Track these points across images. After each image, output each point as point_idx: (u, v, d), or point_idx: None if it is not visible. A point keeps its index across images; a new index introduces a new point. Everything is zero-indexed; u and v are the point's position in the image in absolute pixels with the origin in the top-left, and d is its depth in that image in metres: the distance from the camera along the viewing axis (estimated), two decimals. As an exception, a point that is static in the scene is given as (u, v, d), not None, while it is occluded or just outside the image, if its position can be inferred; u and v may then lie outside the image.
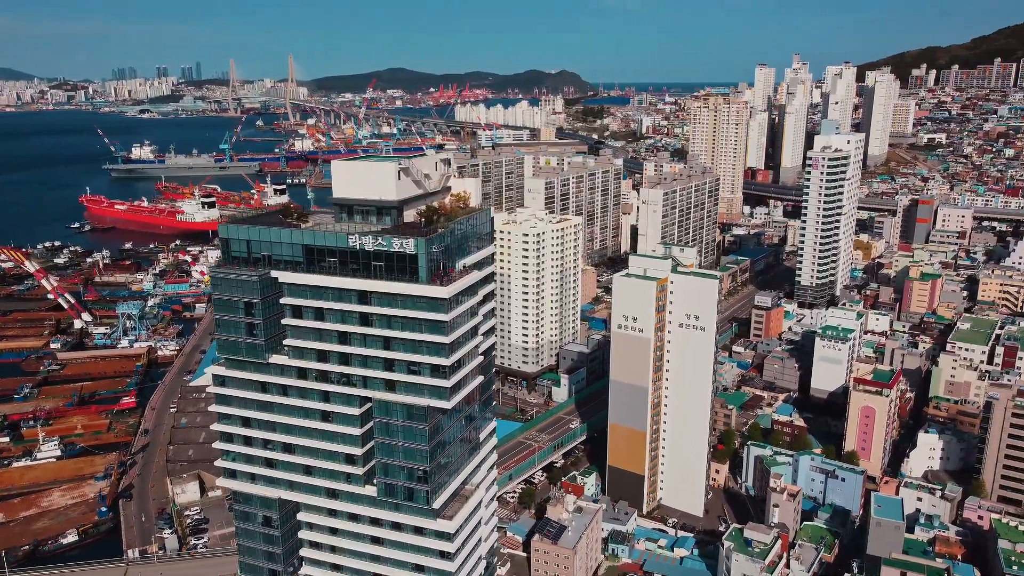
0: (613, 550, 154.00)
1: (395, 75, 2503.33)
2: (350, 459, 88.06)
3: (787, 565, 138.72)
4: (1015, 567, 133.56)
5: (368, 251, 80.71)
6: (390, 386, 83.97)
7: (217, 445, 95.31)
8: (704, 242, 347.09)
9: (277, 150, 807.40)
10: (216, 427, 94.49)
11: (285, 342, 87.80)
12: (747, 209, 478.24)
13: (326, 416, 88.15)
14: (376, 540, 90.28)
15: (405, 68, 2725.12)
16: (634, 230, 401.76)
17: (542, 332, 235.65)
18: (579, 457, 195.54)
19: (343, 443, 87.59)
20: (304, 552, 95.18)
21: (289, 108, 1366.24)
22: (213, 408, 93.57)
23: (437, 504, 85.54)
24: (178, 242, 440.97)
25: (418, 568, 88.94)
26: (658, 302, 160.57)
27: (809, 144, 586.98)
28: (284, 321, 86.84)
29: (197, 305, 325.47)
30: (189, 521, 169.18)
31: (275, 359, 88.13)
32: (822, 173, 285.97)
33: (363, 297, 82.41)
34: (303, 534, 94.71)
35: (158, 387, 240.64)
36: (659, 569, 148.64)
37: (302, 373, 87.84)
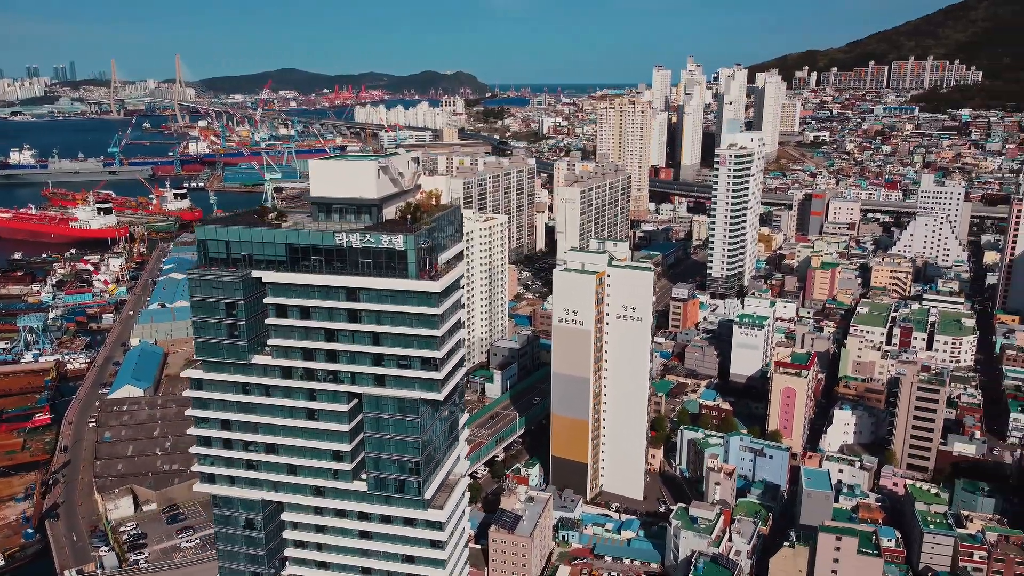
0: (563, 536, 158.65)
1: (287, 76, 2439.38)
2: (337, 456, 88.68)
3: (730, 539, 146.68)
4: (932, 525, 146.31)
5: (356, 248, 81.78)
6: (379, 381, 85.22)
7: (194, 450, 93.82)
8: (618, 238, 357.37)
9: (171, 153, 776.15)
10: (193, 431, 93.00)
11: (269, 342, 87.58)
12: (652, 206, 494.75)
13: (312, 414, 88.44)
14: (364, 534, 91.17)
15: (297, 69, 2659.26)
16: (548, 228, 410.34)
17: (473, 330, 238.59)
18: (519, 450, 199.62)
19: (330, 440, 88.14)
20: (289, 552, 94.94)
21: (178, 110, 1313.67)
22: (190, 412, 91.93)
23: (428, 494, 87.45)
24: (74, 251, 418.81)
25: (408, 559, 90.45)
26: (597, 295, 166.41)
27: (707, 143, 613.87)
28: (268, 321, 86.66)
29: (104, 316, 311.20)
30: (126, 537, 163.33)
31: (258, 359, 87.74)
32: (729, 170, 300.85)
33: (351, 294, 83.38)
34: (287, 534, 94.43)
35: (72, 402, 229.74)
36: (609, 551, 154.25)
37: (286, 372, 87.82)
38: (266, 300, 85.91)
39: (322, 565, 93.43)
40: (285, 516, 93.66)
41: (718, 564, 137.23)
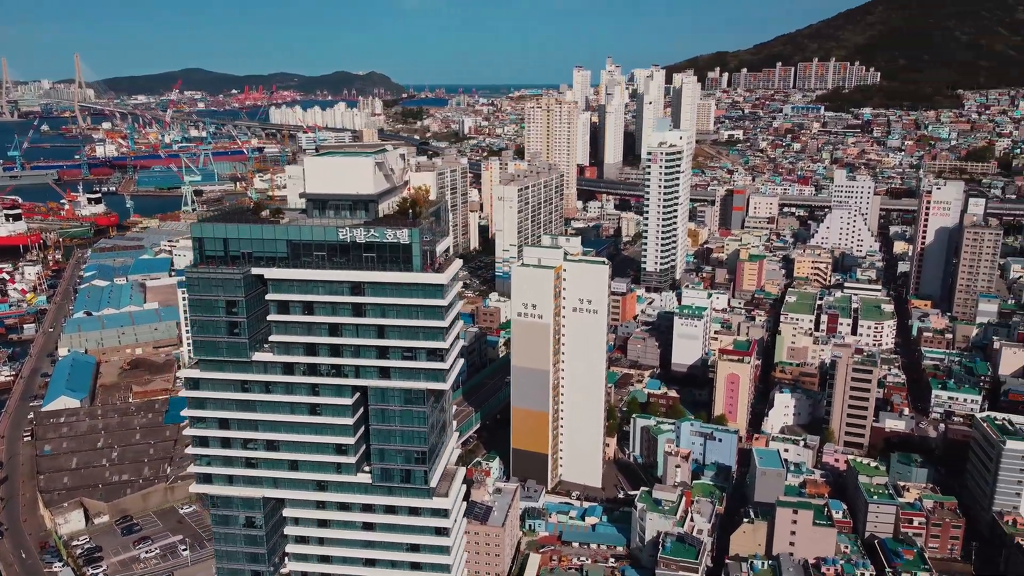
0: (530, 525, 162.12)
1: (193, 76, 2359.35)
2: (341, 449, 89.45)
3: (691, 519, 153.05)
4: (875, 496, 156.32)
5: (359, 243, 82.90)
6: (384, 373, 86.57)
7: (190, 450, 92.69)
8: (554, 235, 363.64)
9: (77, 156, 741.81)
10: (190, 431, 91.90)
11: (271, 338, 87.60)
12: (580, 204, 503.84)
13: (314, 409, 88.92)
14: (368, 526, 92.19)
15: (203, 69, 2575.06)
16: (481, 228, 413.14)
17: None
18: (475, 445, 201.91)
19: (333, 434, 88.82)
20: (290, 548, 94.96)
21: (78, 111, 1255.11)
22: (186, 412, 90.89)
23: (433, 483, 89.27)
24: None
25: (413, 548, 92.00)
26: (555, 289, 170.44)
27: (628, 142, 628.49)
28: (270, 317, 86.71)
29: (25, 326, 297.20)
30: (80, 552, 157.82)
31: (258, 356, 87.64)
32: (661, 167, 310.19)
33: (356, 288, 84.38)
34: (289, 530, 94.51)
35: (2, 415, 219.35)
36: (576, 537, 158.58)
37: (288, 368, 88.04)
38: (268, 296, 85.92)
39: (324, 559, 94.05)
40: (286, 512, 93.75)
41: (683, 542, 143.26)
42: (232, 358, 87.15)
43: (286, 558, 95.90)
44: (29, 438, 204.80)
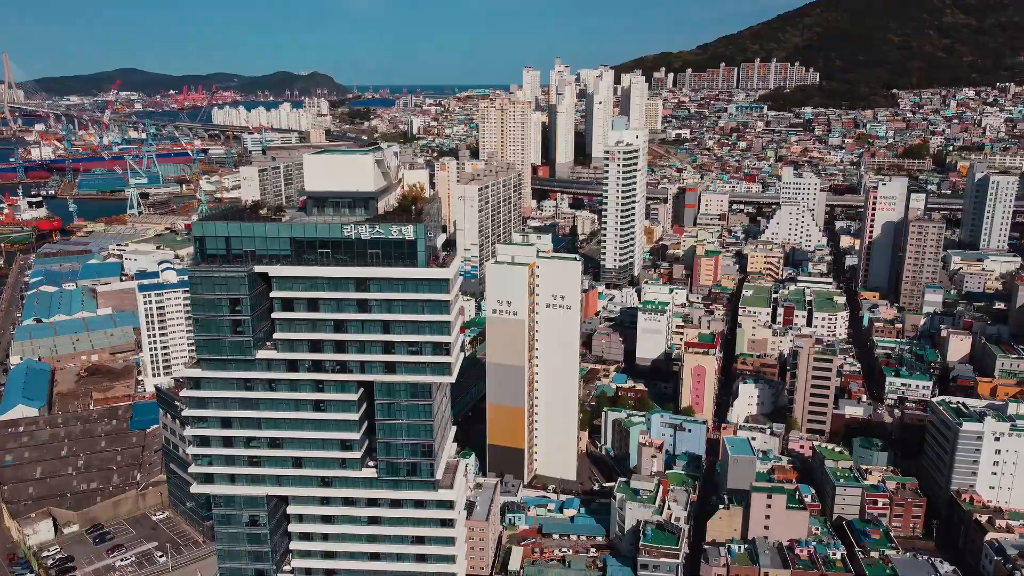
0: (511, 519, 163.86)
1: (127, 76, 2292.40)
2: (346, 444, 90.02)
3: (668, 508, 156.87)
4: (842, 479, 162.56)
5: (364, 240, 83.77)
6: (390, 368, 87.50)
7: (191, 450, 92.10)
8: (512, 234, 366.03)
9: (12, 159, 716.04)
10: (191, 431, 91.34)
11: (275, 336, 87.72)
12: (534, 203, 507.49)
13: (318, 406, 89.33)
14: (373, 520, 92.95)
15: (138, 69, 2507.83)
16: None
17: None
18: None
19: (338, 430, 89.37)
20: (294, 545, 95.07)
21: (8, 113, 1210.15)
22: (187, 412, 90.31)
23: (439, 475, 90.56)
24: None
25: (419, 540, 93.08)
26: (530, 286, 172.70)
27: (578, 142, 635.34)
28: (275, 315, 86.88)
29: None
30: (51, 562, 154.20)
31: (262, 354, 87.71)
32: (619, 165, 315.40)
33: (361, 284, 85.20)
34: (293, 527, 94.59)
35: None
36: (556, 529, 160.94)
37: (292, 365, 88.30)
38: (273, 294, 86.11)
39: (329, 555, 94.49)
40: (290, 509, 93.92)
41: (663, 530, 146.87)
42: (235, 356, 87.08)
43: (289, 555, 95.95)
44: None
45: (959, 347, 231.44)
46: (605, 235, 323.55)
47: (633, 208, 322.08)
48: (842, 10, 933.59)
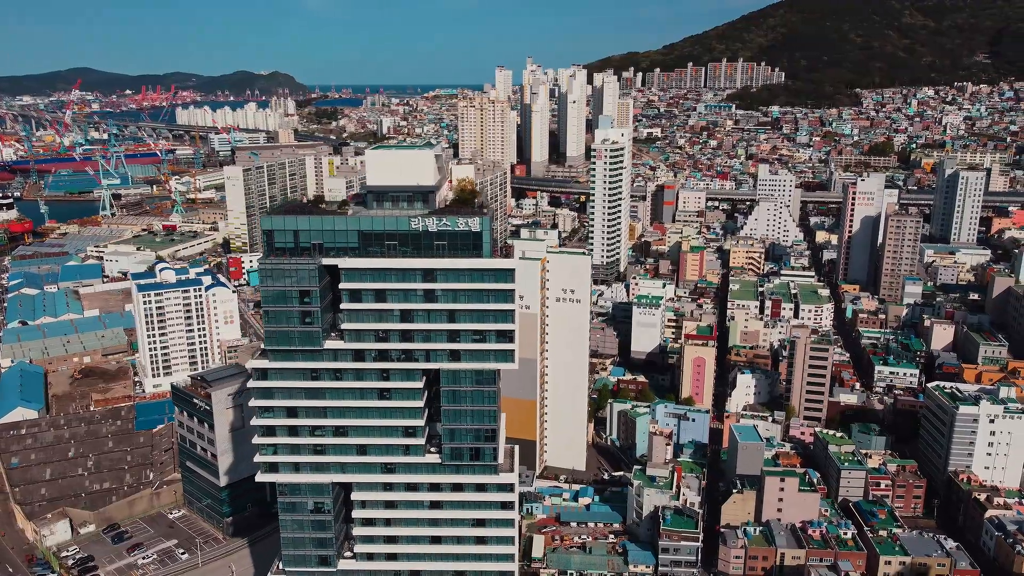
0: (528, 509, 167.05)
1: (81, 76, 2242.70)
2: (410, 431, 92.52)
3: (683, 493, 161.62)
4: (846, 463, 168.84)
5: (431, 232, 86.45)
6: (454, 356, 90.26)
7: (257, 440, 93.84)
8: (500, 231, 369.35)
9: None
10: (256, 421, 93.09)
11: (343, 326, 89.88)
12: (513, 201, 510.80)
13: (383, 394, 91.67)
14: (435, 505, 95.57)
15: (92, 68, 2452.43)
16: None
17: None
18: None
19: (403, 417, 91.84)
20: (357, 531, 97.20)
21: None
22: (254, 402, 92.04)
23: (500, 459, 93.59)
24: None
25: (479, 523, 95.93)
26: (541, 280, 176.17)
27: (553, 141, 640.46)
28: (343, 306, 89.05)
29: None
30: (71, 562, 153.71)
31: (329, 344, 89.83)
32: (605, 163, 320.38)
33: (428, 275, 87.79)
34: (356, 513, 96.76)
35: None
36: (573, 517, 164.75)
37: (358, 355, 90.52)
38: (341, 286, 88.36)
39: (391, 540, 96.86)
40: (354, 496, 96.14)
41: (682, 515, 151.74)
42: (304, 347, 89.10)
43: (350, 541, 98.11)
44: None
45: (942, 336, 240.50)
46: (592, 232, 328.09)
47: (619, 205, 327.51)
48: (804, 12, 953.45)
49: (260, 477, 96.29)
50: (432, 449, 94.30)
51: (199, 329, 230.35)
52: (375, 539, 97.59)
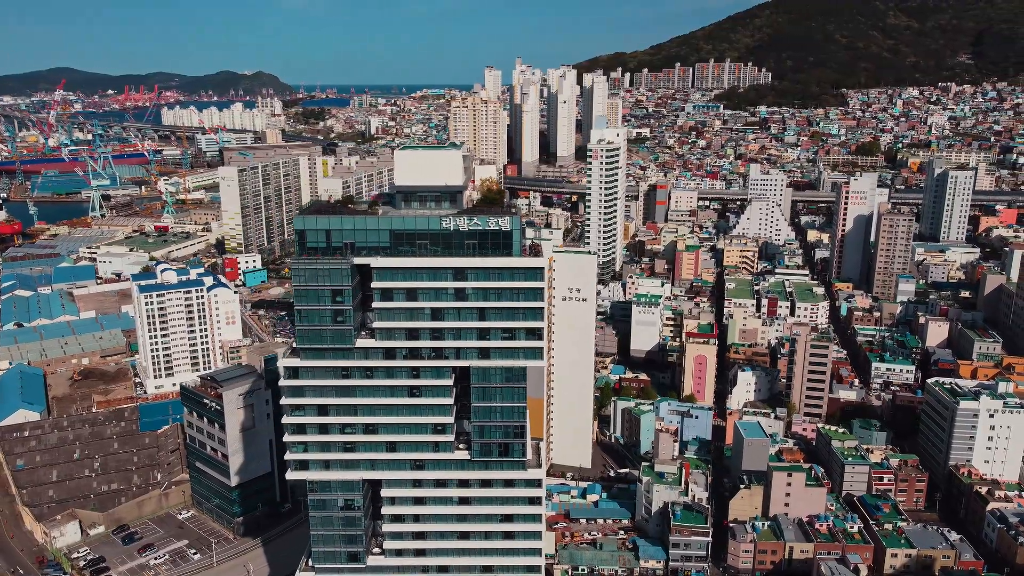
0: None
1: (62, 76, 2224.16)
2: (439, 428, 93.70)
3: (691, 489, 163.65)
4: (850, 458, 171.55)
5: (462, 231, 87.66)
6: (484, 354, 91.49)
7: (288, 438, 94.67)
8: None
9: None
10: (287, 420, 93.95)
11: (375, 324, 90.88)
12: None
13: (414, 391, 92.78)
14: (464, 501, 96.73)
15: (74, 68, 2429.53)
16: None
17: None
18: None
19: (432, 414, 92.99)
20: (386, 527, 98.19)
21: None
22: (285, 401, 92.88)
23: (529, 455, 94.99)
24: None
25: (507, 518, 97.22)
26: (548, 279, 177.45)
27: (542, 141, 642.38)
28: (375, 304, 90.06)
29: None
30: (83, 564, 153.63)
31: (361, 343, 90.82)
32: (601, 163, 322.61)
33: (459, 274, 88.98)
34: (385, 510, 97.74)
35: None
36: (582, 514, 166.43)
37: (389, 353, 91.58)
38: (373, 284, 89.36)
39: (419, 535, 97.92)
40: (384, 492, 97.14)
41: (691, 510, 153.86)
42: (336, 345, 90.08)
43: (378, 537, 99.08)
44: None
45: (937, 333, 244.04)
46: (588, 231, 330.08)
47: (615, 204, 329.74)
48: (790, 12, 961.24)
49: (291, 475, 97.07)
50: (460, 446, 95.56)
51: (201, 330, 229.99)
52: (404, 535, 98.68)
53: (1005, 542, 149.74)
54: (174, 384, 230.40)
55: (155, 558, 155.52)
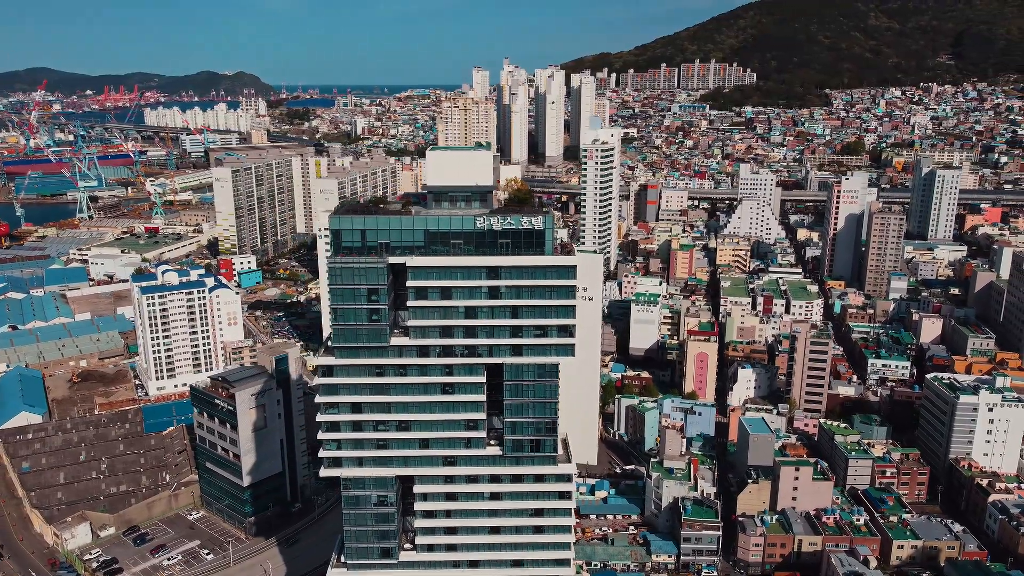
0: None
1: (38, 76, 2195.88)
2: (471, 425, 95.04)
3: (699, 484, 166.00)
4: (853, 452, 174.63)
5: (496, 230, 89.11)
6: (516, 351, 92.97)
7: (322, 435, 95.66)
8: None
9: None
10: (321, 417, 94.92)
11: (409, 323, 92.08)
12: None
13: (447, 388, 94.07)
14: (495, 496, 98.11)
15: (51, 68, 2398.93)
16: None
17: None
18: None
19: (465, 411, 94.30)
20: (418, 522, 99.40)
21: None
22: (320, 399, 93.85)
23: (560, 451, 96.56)
24: None
25: (537, 512, 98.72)
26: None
27: (530, 141, 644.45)
28: (410, 303, 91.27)
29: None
30: (95, 565, 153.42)
31: (395, 341, 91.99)
32: (596, 163, 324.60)
33: (492, 272, 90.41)
34: (418, 505, 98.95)
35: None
36: (592, 510, 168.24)
37: (423, 351, 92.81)
38: (408, 283, 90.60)
39: (451, 531, 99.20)
40: (416, 488, 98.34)
41: (701, 505, 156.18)
42: (371, 343, 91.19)
43: (408, 533, 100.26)
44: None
45: (931, 329, 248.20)
46: (583, 231, 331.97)
47: (610, 204, 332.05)
48: (774, 14, 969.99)
49: (324, 472, 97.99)
50: (491, 442, 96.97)
51: (203, 331, 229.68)
52: (436, 530, 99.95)
53: (1007, 533, 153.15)
54: (176, 386, 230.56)
55: (168, 559, 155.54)
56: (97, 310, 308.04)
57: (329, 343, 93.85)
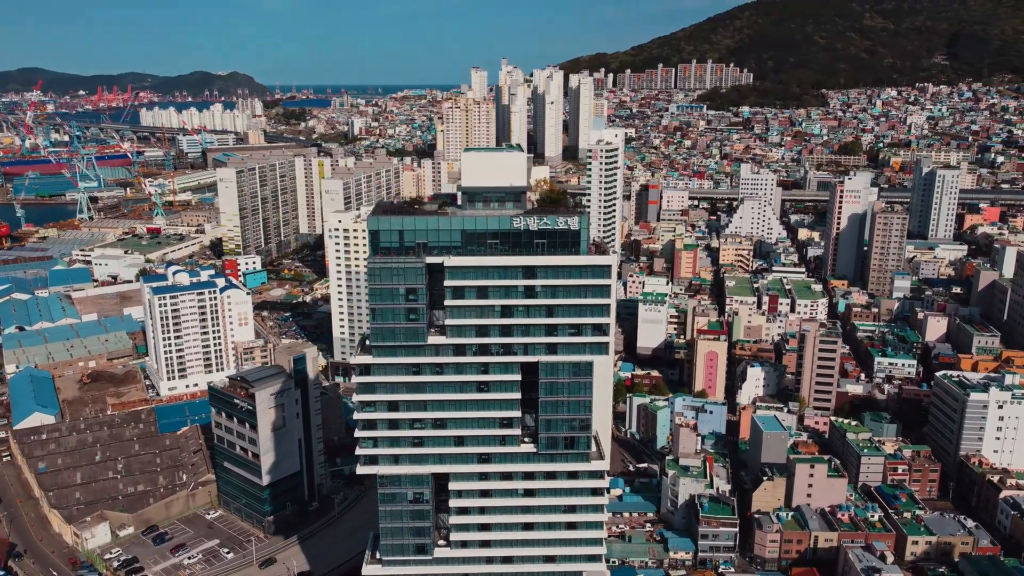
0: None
1: (30, 76, 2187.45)
2: (506, 422, 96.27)
3: (714, 482, 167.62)
4: (865, 449, 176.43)
5: (532, 230, 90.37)
6: (551, 349, 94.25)
7: (359, 433, 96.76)
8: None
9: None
10: (359, 415, 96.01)
11: (446, 322, 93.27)
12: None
13: (482, 386, 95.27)
14: (529, 493, 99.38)
15: (43, 68, 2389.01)
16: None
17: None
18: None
19: (500, 409, 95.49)
20: (453, 519, 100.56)
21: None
22: (357, 397, 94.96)
23: (592, 448, 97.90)
24: None
25: (570, 509, 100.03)
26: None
27: (529, 141, 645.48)
28: (447, 302, 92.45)
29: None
30: (116, 564, 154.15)
31: (432, 340, 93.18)
32: (601, 163, 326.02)
33: (528, 272, 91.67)
34: (453, 502, 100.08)
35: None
36: (608, 508, 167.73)
37: (459, 349, 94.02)
38: (446, 283, 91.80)
39: (485, 527, 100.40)
40: (451, 486, 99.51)
41: (718, 502, 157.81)
42: (409, 342, 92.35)
43: (442, 530, 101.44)
44: (8, 457, 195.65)
45: (936, 327, 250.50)
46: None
47: (614, 204, 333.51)
48: (770, 14, 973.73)
49: (361, 469, 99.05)
50: (525, 439, 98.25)
51: (214, 331, 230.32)
52: (470, 527, 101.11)
53: (1019, 528, 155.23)
54: (187, 386, 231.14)
55: (188, 557, 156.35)
56: (103, 311, 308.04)
57: (367, 342, 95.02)
